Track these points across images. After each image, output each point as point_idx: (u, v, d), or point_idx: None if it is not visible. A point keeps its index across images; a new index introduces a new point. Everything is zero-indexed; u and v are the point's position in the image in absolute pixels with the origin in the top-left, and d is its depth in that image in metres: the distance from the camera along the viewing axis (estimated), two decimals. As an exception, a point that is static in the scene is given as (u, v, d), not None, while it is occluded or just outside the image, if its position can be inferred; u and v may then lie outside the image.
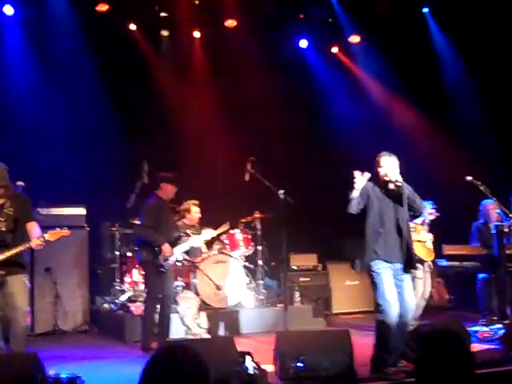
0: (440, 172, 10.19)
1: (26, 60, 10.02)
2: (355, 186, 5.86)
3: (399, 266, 5.95)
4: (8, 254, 5.84)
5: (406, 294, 5.96)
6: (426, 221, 8.05)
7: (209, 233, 8.41)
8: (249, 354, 5.52)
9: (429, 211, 8.02)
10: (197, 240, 8.18)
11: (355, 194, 5.87)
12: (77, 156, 9.87)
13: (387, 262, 5.90)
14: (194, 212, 8.79)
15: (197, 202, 8.89)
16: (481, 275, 8.39)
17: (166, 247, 7.35)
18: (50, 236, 5.88)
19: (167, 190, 7.61)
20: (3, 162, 6.07)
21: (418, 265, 7.18)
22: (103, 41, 10.33)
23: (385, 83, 11.54)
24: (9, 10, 9.75)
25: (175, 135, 10.85)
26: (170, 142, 10.72)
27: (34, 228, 6.03)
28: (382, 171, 6.01)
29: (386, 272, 5.87)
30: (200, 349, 5.31)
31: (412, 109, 11.34)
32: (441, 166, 10.37)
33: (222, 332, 8.39)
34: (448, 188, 9.53)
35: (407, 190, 5.95)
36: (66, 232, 6.02)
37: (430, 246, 8.15)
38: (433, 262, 8.29)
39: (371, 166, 6.34)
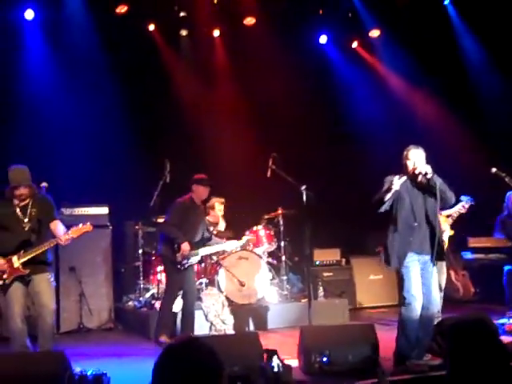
0: (464, 164, 10.08)
1: (46, 63, 10.11)
2: (393, 187, 5.85)
3: (428, 257, 5.95)
4: (34, 252, 5.94)
5: (431, 287, 5.97)
6: (455, 214, 7.90)
7: (247, 239, 8.51)
8: (274, 351, 5.52)
9: (464, 205, 7.83)
10: (233, 245, 8.29)
11: (389, 195, 5.87)
12: (99, 156, 9.96)
13: (418, 254, 5.89)
14: (218, 209, 8.90)
15: (222, 199, 8.97)
16: (507, 267, 8.29)
17: (184, 246, 7.40)
18: (73, 232, 5.99)
19: (199, 192, 7.69)
20: (26, 163, 6.18)
21: None
22: (122, 42, 10.39)
23: (406, 77, 11.45)
24: (29, 14, 9.84)
25: (197, 133, 10.87)
26: (191, 140, 10.75)
27: (57, 226, 6.14)
28: (410, 164, 6.00)
29: (414, 265, 5.87)
30: (224, 345, 5.35)
31: (434, 102, 11.21)
32: (465, 159, 10.26)
33: (246, 328, 8.40)
34: (472, 180, 9.45)
35: (438, 182, 5.92)
36: (88, 227, 6.11)
37: (446, 238, 8.04)
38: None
39: (392, 161, 6.33)
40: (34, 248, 5.97)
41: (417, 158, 6.01)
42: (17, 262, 5.92)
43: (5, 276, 5.90)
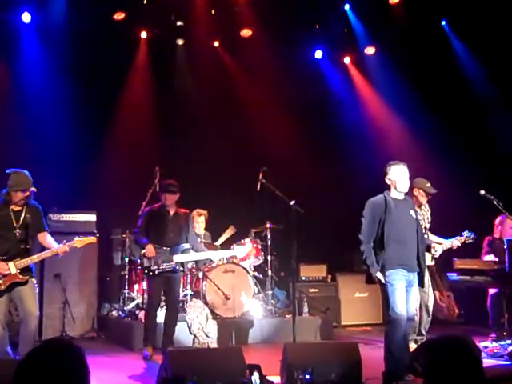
0: (453, 186, 10.10)
1: (39, 66, 10.07)
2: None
3: (413, 275, 5.98)
4: (33, 260, 5.97)
5: (409, 305, 5.99)
6: (444, 247, 7.92)
7: (238, 251, 8.46)
8: (257, 366, 5.48)
9: (458, 241, 7.86)
10: (219, 254, 8.23)
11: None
12: (89, 162, 9.93)
13: (406, 270, 5.91)
14: (196, 221, 8.97)
15: (202, 211, 8.98)
16: (492, 290, 8.31)
17: (147, 248, 7.42)
18: (77, 242, 6.04)
19: (166, 198, 7.69)
20: (15, 167, 6.15)
21: None
22: (117, 47, 10.41)
23: (399, 95, 11.43)
24: (26, 17, 9.83)
25: (189, 144, 10.88)
26: (183, 150, 10.75)
27: (47, 238, 6.23)
28: (394, 182, 6.05)
29: (399, 282, 5.87)
30: (207, 359, 5.30)
31: (428, 121, 11.15)
32: (454, 180, 10.27)
33: (229, 342, 8.36)
34: (461, 202, 9.48)
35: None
36: (93, 239, 6.18)
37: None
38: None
39: (381, 178, 6.34)
40: (31, 255, 5.98)
41: (400, 176, 6.05)
42: (14, 268, 5.90)
43: (0, 282, 5.87)
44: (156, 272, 7.44)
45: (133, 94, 10.95)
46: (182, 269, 7.75)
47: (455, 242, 7.79)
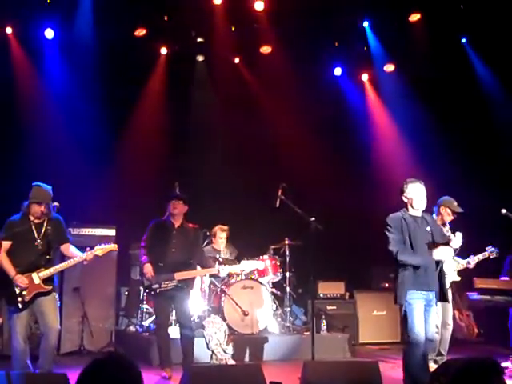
0: (472, 204, 10.02)
1: (62, 81, 10.18)
2: None
3: (432, 295, 5.94)
4: (57, 269, 6.07)
5: (430, 325, 5.95)
6: (472, 261, 7.88)
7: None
8: (280, 384, 5.45)
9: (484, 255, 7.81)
10: (227, 269, 8.18)
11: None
12: (109, 176, 9.98)
13: (426, 290, 5.87)
14: (219, 237, 8.91)
15: (224, 226, 8.96)
16: (512, 310, 8.23)
17: (145, 268, 7.20)
18: (98, 251, 6.12)
19: (174, 207, 7.45)
20: (36, 181, 6.23)
21: None
22: (137, 63, 10.50)
23: (416, 115, 11.39)
24: (49, 33, 9.95)
25: (207, 160, 10.93)
26: (201, 166, 10.78)
27: (70, 248, 6.35)
28: (411, 199, 6.03)
29: (418, 303, 5.85)
30: (226, 375, 5.27)
31: (447, 138, 11.09)
32: (473, 198, 10.20)
33: (247, 358, 8.32)
34: (482, 220, 9.41)
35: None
36: (113, 246, 6.23)
37: (448, 282, 7.97)
38: None
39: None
40: (52, 265, 6.03)
41: (416, 194, 6.02)
42: (37, 278, 5.99)
43: (24, 293, 5.92)
44: (158, 291, 7.19)
45: (152, 109, 11.01)
46: (186, 286, 7.35)
47: (480, 258, 7.75)
